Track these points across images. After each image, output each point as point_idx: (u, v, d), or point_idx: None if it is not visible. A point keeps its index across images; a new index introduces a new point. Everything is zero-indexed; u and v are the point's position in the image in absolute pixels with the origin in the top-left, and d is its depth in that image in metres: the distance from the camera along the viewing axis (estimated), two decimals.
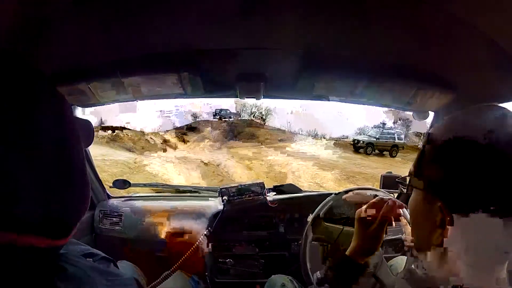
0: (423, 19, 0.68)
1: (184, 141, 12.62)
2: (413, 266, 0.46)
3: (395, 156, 13.03)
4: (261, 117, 15.04)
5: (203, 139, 13.04)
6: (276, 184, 1.54)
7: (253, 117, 14.83)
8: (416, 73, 0.90)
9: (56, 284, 0.35)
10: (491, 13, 0.59)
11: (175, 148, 11.76)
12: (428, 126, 1.18)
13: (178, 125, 14.49)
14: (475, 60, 0.77)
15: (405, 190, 1.28)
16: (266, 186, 1.41)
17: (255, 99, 1.15)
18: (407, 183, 0.51)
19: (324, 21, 0.75)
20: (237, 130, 13.85)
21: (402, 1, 0.65)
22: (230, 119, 14.75)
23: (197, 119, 14.82)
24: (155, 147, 11.24)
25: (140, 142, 11.14)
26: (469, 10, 0.61)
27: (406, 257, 0.90)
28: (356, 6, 0.68)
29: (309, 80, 0.99)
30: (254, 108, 14.72)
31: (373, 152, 13.13)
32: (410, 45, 0.80)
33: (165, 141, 11.96)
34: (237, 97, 1.11)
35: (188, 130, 14.06)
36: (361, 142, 13.57)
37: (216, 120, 14.73)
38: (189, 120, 14.83)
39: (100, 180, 1.46)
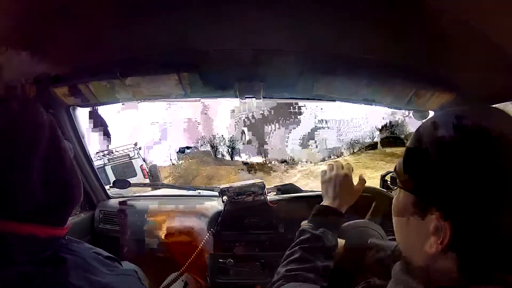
0: (423, 19, 0.68)
1: None
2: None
3: None
4: (228, 150, 11.09)
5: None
6: (276, 185, 1.54)
7: (216, 152, 10.79)
8: (416, 73, 0.90)
9: (58, 274, 0.36)
10: (491, 14, 0.59)
11: None
12: None
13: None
14: (475, 60, 0.77)
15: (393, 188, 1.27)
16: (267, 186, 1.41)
17: (255, 98, 1.15)
18: (395, 182, 0.47)
19: (324, 21, 0.75)
20: (191, 173, 9.30)
21: (402, 2, 0.65)
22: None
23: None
24: None
25: None
26: (469, 11, 0.61)
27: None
28: (357, 6, 0.68)
29: (309, 80, 0.99)
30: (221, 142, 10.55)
31: None
32: (410, 45, 0.80)
33: None
34: (237, 97, 1.11)
35: None
36: None
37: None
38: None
39: (100, 180, 1.46)
